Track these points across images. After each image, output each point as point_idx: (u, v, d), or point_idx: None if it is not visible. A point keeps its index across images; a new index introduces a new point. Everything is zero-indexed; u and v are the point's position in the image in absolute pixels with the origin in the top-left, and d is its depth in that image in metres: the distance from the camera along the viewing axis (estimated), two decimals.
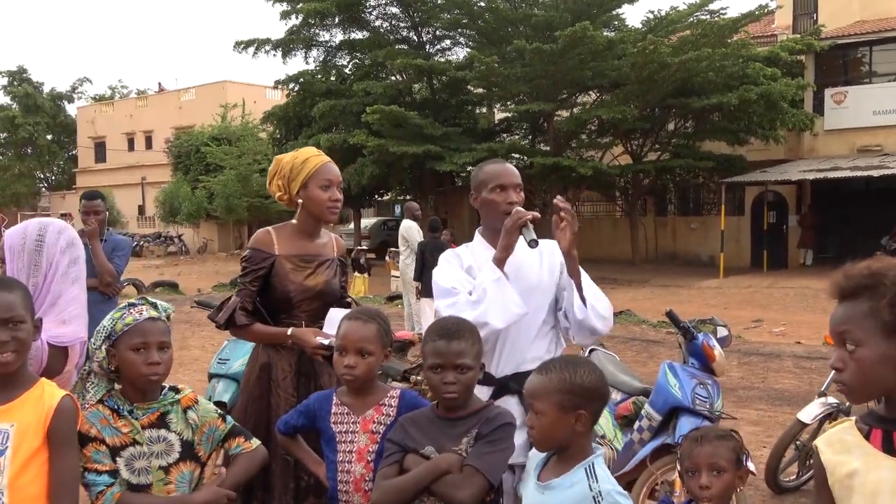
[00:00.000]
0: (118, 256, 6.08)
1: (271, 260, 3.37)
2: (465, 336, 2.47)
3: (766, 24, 28.57)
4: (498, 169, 3.13)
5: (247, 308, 3.36)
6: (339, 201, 3.44)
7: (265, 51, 27.51)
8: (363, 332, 2.66)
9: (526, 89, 23.33)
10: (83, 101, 56.78)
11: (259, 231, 3.50)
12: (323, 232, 3.59)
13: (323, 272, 3.45)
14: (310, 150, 3.51)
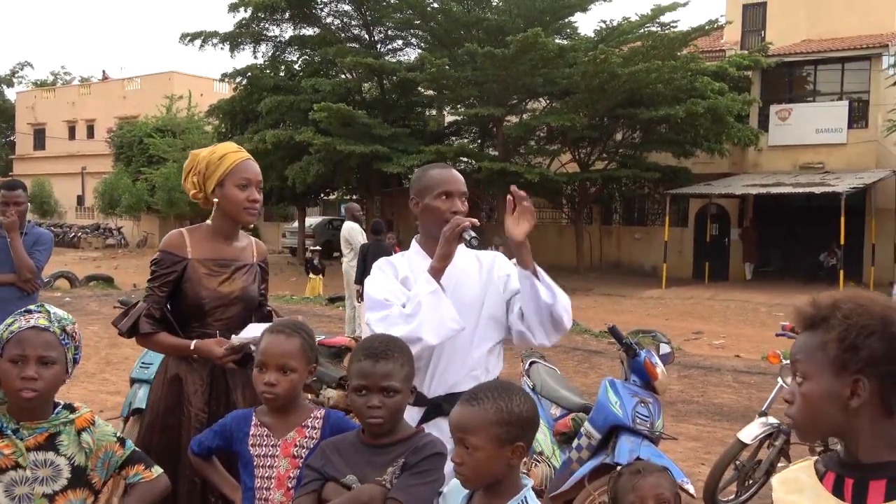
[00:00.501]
0: (39, 251, 5.74)
1: (183, 264, 3.10)
2: (394, 356, 2.27)
3: (715, 39, 28.90)
4: (445, 175, 2.96)
5: (153, 315, 3.08)
6: (257, 202, 3.17)
7: (212, 44, 27.01)
8: (285, 346, 2.45)
9: (476, 93, 23.23)
10: (23, 86, 55.39)
11: (171, 232, 3.25)
12: (242, 235, 3.34)
13: (240, 278, 3.19)
14: (228, 145, 3.25)
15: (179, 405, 3.03)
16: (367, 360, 2.25)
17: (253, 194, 3.15)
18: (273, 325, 2.57)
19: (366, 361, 2.25)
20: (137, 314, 3.08)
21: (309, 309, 15.70)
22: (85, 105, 49.38)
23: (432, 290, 2.73)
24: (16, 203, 5.65)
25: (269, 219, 39.45)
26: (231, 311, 3.14)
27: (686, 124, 22.77)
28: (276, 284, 21.80)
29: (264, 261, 3.40)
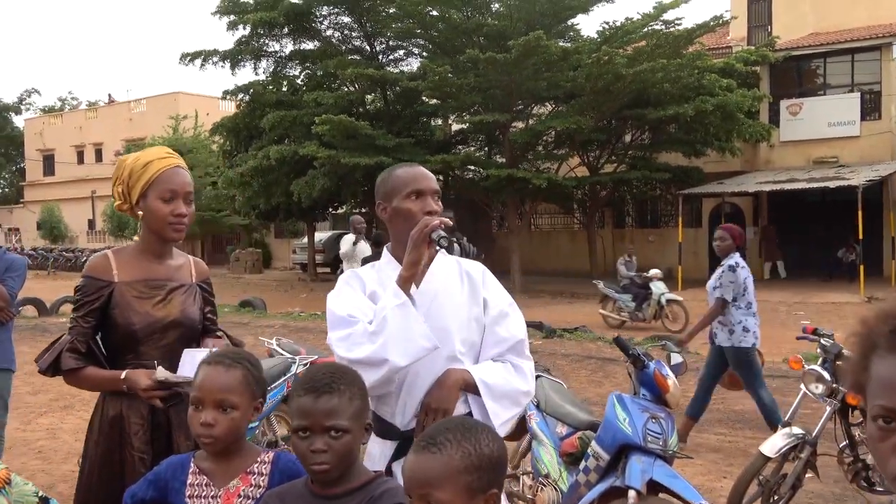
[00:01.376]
0: (12, 277, 5.45)
1: (109, 289, 2.76)
2: (340, 389, 1.91)
3: (721, 36, 28.53)
4: (412, 172, 2.63)
5: (78, 349, 2.72)
6: (183, 217, 2.79)
7: (213, 62, 26.75)
8: (224, 379, 2.11)
9: (480, 100, 22.90)
10: (31, 113, 55.53)
11: (94, 256, 2.90)
12: (176, 253, 2.98)
13: (177, 299, 2.84)
14: (156, 150, 2.88)
15: (120, 448, 2.68)
16: (308, 395, 1.90)
17: (178, 208, 2.78)
18: (210, 356, 2.21)
19: (306, 397, 1.90)
20: (60, 349, 2.73)
21: (315, 325, 15.38)
22: (92, 129, 49.42)
23: (400, 303, 2.38)
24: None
25: (280, 235, 39.24)
26: (168, 336, 2.79)
27: (696, 123, 22.37)
28: (286, 301, 21.57)
29: (206, 281, 3.04)
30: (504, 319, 2.64)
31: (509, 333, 2.62)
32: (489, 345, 2.62)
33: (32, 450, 6.90)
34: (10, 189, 56.30)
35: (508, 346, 2.61)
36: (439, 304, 2.55)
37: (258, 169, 24.45)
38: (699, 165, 24.84)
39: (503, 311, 2.64)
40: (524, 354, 2.65)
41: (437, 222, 2.41)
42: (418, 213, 2.52)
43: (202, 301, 2.96)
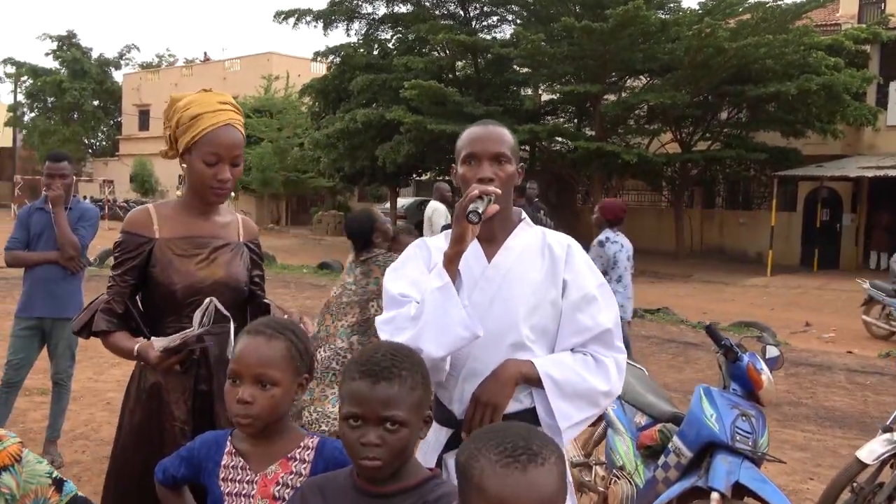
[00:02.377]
0: (84, 227, 5.38)
1: (149, 245, 2.55)
2: (401, 375, 1.67)
3: (831, 13, 27.17)
4: (471, 134, 2.36)
5: (114, 310, 2.53)
6: (226, 182, 2.55)
7: (306, 21, 26.78)
8: (264, 351, 1.89)
9: (572, 70, 22.36)
10: (130, 69, 56.68)
11: (135, 210, 2.67)
12: (224, 209, 2.73)
13: (221, 259, 2.60)
14: (210, 100, 2.59)
15: (159, 418, 2.48)
16: (364, 379, 1.66)
17: (223, 172, 2.54)
18: (252, 325, 1.99)
19: (361, 381, 1.66)
20: (95, 308, 2.54)
21: None
22: (187, 86, 50.15)
23: (440, 286, 2.13)
24: (61, 176, 5.30)
25: (363, 199, 39.39)
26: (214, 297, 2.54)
27: (798, 102, 21.38)
28: None
29: (254, 241, 2.80)
30: (589, 305, 2.30)
31: (593, 321, 2.29)
32: (568, 333, 2.31)
33: (101, 401, 6.92)
34: (107, 142, 57.76)
35: (592, 335, 2.29)
36: (509, 282, 2.28)
37: (345, 131, 24.42)
38: (797, 147, 23.83)
39: (588, 295, 2.31)
40: (613, 346, 2.32)
41: (475, 192, 2.14)
42: (471, 180, 2.27)
43: (250, 262, 2.73)
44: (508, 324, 2.24)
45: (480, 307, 2.23)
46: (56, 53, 52.75)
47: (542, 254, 2.35)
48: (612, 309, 2.34)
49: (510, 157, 2.32)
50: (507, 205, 2.33)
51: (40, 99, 53.91)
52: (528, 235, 2.38)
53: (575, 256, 2.36)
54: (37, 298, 5.28)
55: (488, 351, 2.22)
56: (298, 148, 32.71)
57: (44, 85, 51.89)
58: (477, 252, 2.32)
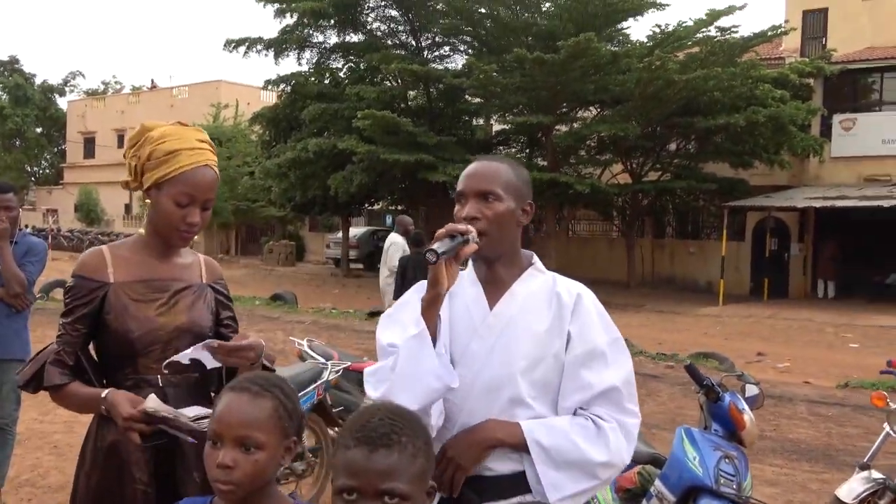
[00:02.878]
0: (31, 262, 5.10)
1: (103, 291, 2.32)
2: (401, 443, 1.50)
3: (774, 47, 27.78)
4: (466, 170, 2.22)
5: (64, 361, 2.29)
6: (195, 225, 2.34)
7: (256, 50, 26.57)
8: (249, 411, 1.70)
9: (524, 100, 22.46)
10: (75, 95, 55.86)
11: (88, 252, 2.44)
12: (185, 251, 2.53)
13: (183, 303, 2.39)
14: (187, 136, 2.37)
15: (118, 481, 2.25)
16: (360, 447, 1.48)
17: (192, 216, 2.33)
18: (236, 381, 1.79)
19: (357, 450, 1.48)
20: (43, 360, 2.30)
21: (348, 324, 15.03)
22: (134, 113, 49.50)
23: (414, 334, 1.98)
24: (6, 208, 5.02)
25: (314, 228, 39.07)
26: (173, 347, 2.32)
27: (745, 133, 21.75)
28: (318, 296, 21.26)
29: (219, 281, 2.57)
30: (594, 360, 2.08)
31: (598, 378, 2.06)
32: (569, 391, 2.09)
33: (48, 443, 6.58)
34: (50, 170, 56.67)
35: (595, 393, 2.06)
36: (510, 332, 2.10)
37: (296, 161, 24.21)
38: (745, 178, 24.21)
39: (595, 350, 2.09)
40: (622, 408, 2.08)
41: (442, 230, 2.00)
42: (458, 220, 2.12)
43: (216, 305, 2.51)
44: (507, 377, 2.07)
45: (478, 357, 2.09)
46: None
47: (549, 302, 2.15)
48: (623, 366, 2.12)
49: (501, 194, 2.12)
50: (507, 247, 2.17)
51: None
52: (537, 281, 2.19)
53: (584, 306, 2.14)
54: None
55: (485, 405, 2.06)
56: (249, 177, 32.38)
57: None
58: (479, 297, 2.16)
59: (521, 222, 2.20)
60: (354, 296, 22.30)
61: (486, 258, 2.14)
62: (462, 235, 1.99)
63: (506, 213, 2.13)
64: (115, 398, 2.19)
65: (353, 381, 6.37)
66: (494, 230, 2.10)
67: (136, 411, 2.13)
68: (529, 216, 2.21)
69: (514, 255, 2.20)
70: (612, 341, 2.13)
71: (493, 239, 2.09)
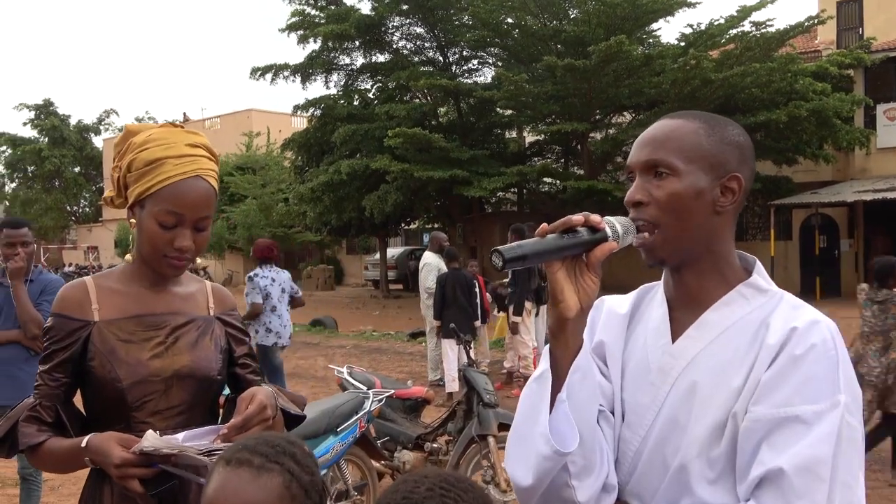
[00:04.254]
0: (48, 301, 4.77)
1: (86, 332, 1.91)
2: None
3: (809, 39, 27.12)
4: (641, 135, 1.56)
5: (41, 417, 1.90)
6: (185, 251, 1.92)
7: (283, 76, 26.44)
8: (250, 494, 1.30)
9: (557, 109, 22.04)
10: (110, 133, 56.37)
11: (68, 284, 2.03)
12: (187, 277, 2.09)
13: (185, 341, 1.97)
14: (175, 141, 1.95)
15: None
16: None
17: (181, 238, 1.91)
18: (232, 450, 1.38)
19: None
20: (15, 418, 1.91)
21: (389, 346, 14.68)
22: None
23: (535, 376, 1.43)
24: (23, 244, 4.73)
25: (351, 251, 38.88)
26: (173, 397, 1.93)
27: (787, 129, 21.09)
28: (358, 319, 20.95)
29: (231, 313, 2.13)
30: (784, 431, 1.31)
31: (776, 454, 1.30)
32: (742, 471, 1.35)
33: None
34: (89, 208, 57.25)
35: (759, 476, 1.30)
36: (689, 383, 1.43)
37: (329, 184, 23.98)
38: (788, 175, 23.52)
39: (789, 418, 1.31)
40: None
41: (553, 224, 1.41)
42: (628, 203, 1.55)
43: (227, 341, 2.08)
44: (675, 448, 1.42)
45: (646, 415, 1.47)
46: (34, 122, 52.48)
47: (755, 340, 1.41)
48: (813, 447, 1.29)
49: (678, 166, 1.45)
50: (697, 247, 1.48)
51: (20, 168, 53.61)
52: (749, 306, 1.46)
53: (795, 348, 1.35)
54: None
55: (652, 483, 1.44)
56: (283, 203, 32.26)
57: (23, 154, 51.64)
58: (661, 327, 1.52)
59: (722, 207, 1.47)
60: (395, 317, 21.98)
61: (665, 265, 1.51)
62: (591, 230, 1.40)
63: (687, 194, 1.45)
64: (100, 443, 1.78)
65: (397, 409, 6.01)
66: (671, 220, 1.45)
67: (131, 454, 1.73)
68: (737, 197, 1.48)
69: (715, 262, 1.49)
70: (829, 408, 1.31)
71: (669, 234, 1.46)
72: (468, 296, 9.54)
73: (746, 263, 1.53)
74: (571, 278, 1.39)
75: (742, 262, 1.53)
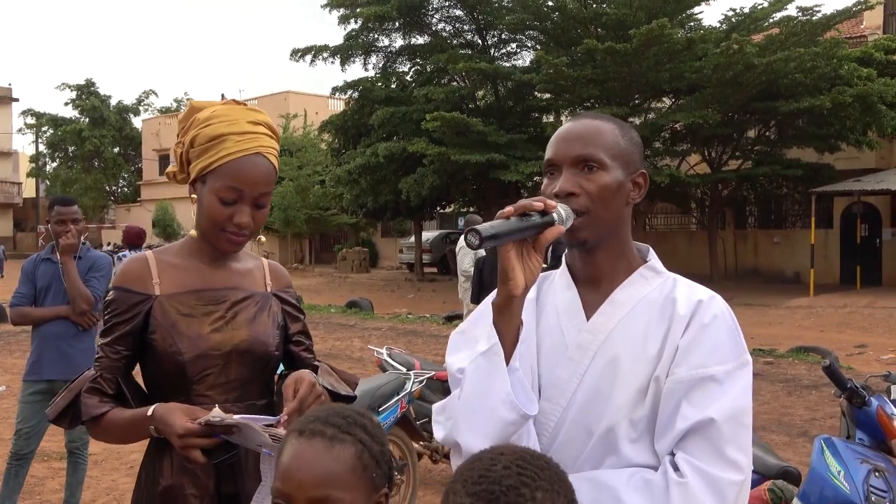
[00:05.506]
0: (96, 277, 4.86)
1: (147, 305, 1.95)
2: (535, 501, 1.10)
3: (855, 25, 26.65)
4: (558, 132, 1.68)
5: (103, 389, 1.92)
6: (243, 227, 1.94)
7: (323, 58, 26.50)
8: (324, 464, 1.30)
9: (596, 93, 21.87)
10: (149, 114, 56.94)
11: (129, 259, 2.08)
12: (244, 253, 2.12)
13: (242, 317, 2.00)
14: (238, 118, 1.97)
15: None
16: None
17: (241, 214, 1.93)
18: (305, 421, 1.38)
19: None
20: (77, 390, 1.93)
21: (425, 329, 14.71)
22: None
23: (483, 351, 1.50)
24: (73, 220, 4.81)
25: (386, 234, 38.99)
26: (232, 371, 1.96)
27: (831, 115, 20.76)
28: (392, 302, 21.03)
29: (287, 290, 2.17)
30: (701, 390, 1.48)
31: (696, 411, 1.46)
32: (661, 429, 1.51)
33: (125, 464, 6.35)
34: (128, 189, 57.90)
35: (684, 429, 1.46)
36: (609, 355, 1.56)
37: (366, 166, 24.03)
38: (829, 162, 23.18)
39: (705, 377, 1.48)
40: (718, 455, 1.44)
41: (507, 209, 1.46)
42: (547, 197, 1.59)
43: (283, 318, 2.11)
44: (599, 415, 1.54)
45: (567, 388, 1.58)
46: (75, 102, 53.07)
47: (663, 313, 1.58)
48: (734, 399, 1.48)
49: (606, 161, 1.59)
50: (613, 233, 1.63)
51: (61, 148, 54.26)
52: (650, 285, 1.63)
53: (703, 317, 1.54)
54: (47, 359, 4.74)
55: (574, 450, 1.55)
56: (320, 185, 32.40)
57: (64, 134, 52.24)
58: (572, 306, 1.64)
59: (632, 199, 1.65)
60: (430, 300, 22.02)
61: (584, 247, 1.62)
62: (542, 214, 1.47)
63: (612, 186, 1.59)
64: (165, 412, 1.81)
65: (437, 391, 6.01)
66: (599, 209, 1.58)
67: (195, 424, 1.76)
68: (643, 191, 1.67)
69: (622, 247, 1.65)
70: (736, 367, 1.51)
71: (595, 220, 1.58)
72: None
73: (642, 251, 1.71)
74: (520, 258, 1.49)
75: (638, 250, 1.71)
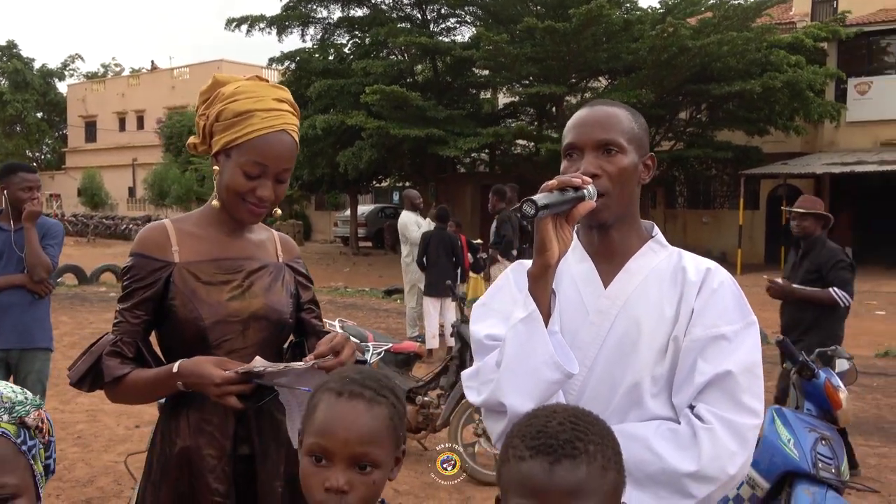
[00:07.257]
0: (51, 245, 4.80)
1: (167, 272, 2.01)
2: (589, 452, 1.20)
3: (784, 11, 27.37)
4: (577, 117, 1.82)
5: (123, 353, 1.97)
6: (265, 200, 2.02)
7: (259, 28, 26.10)
8: (366, 424, 1.40)
9: (535, 71, 22.05)
10: (74, 79, 55.41)
11: (148, 226, 2.12)
12: (258, 226, 2.21)
13: (259, 285, 2.08)
14: (264, 94, 2.04)
15: (192, 495, 1.94)
16: (537, 458, 1.18)
17: (263, 189, 2.01)
18: (342, 383, 1.45)
19: (534, 462, 1.19)
20: (99, 352, 1.98)
21: (364, 302, 14.79)
22: (135, 96, 49.21)
23: (523, 317, 1.62)
24: (38, 187, 4.78)
25: (320, 207, 38.76)
26: (249, 337, 2.03)
27: (761, 100, 21.32)
28: (328, 275, 20.95)
29: (297, 261, 2.26)
30: (715, 347, 1.67)
31: (713, 366, 1.65)
32: (680, 384, 1.69)
33: (71, 435, 6.29)
34: (52, 155, 56.35)
35: (704, 382, 1.65)
36: (628, 318, 1.72)
37: (303, 139, 23.76)
38: (758, 145, 23.84)
39: (718, 335, 1.67)
40: (737, 403, 1.63)
41: (552, 182, 1.61)
42: None
43: (295, 286, 2.19)
44: (622, 373, 1.70)
45: (590, 349, 1.73)
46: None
47: (674, 280, 1.76)
48: (749, 353, 1.68)
49: (624, 145, 1.74)
50: (628, 211, 1.78)
51: None
52: (659, 257, 1.81)
53: (713, 283, 1.73)
54: (1, 329, 4.68)
55: (598, 407, 1.60)
56: None
57: None
58: (590, 275, 1.79)
59: (643, 180, 1.81)
60: (366, 274, 22.06)
61: (602, 224, 1.76)
62: (576, 190, 1.61)
63: (629, 168, 1.75)
64: (195, 365, 1.87)
65: (390, 363, 6.12)
66: (617, 189, 1.73)
67: (232, 372, 1.82)
68: (651, 172, 1.82)
69: (633, 223, 1.81)
70: (744, 327, 1.69)
71: (613, 200, 1.73)
72: (450, 255, 9.64)
73: (648, 227, 1.88)
74: (555, 230, 1.63)
75: (645, 226, 1.88)
